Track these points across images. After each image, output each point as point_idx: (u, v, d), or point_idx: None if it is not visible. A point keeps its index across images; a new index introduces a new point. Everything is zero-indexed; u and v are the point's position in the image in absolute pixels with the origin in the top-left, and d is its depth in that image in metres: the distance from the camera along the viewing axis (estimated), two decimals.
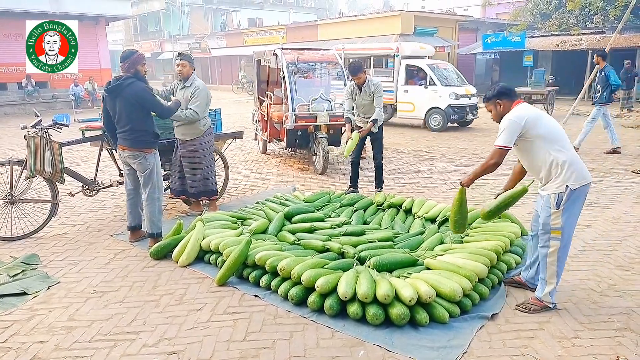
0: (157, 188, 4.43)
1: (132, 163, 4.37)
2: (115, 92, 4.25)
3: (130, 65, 4.29)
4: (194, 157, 5.20)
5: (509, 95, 3.28)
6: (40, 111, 5.75)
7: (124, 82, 4.22)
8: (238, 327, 3.10)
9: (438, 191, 6.42)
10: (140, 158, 4.32)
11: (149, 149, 4.34)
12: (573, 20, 23.42)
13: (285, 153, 9.16)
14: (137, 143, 4.29)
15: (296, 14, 41.99)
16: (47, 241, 4.74)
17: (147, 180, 4.38)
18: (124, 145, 4.33)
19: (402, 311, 2.98)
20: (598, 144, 9.65)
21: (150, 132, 4.38)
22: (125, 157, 4.39)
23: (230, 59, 32.64)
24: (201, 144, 5.19)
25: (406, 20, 21.68)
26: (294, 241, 4.18)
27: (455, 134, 11.56)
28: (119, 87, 4.22)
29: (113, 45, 40.75)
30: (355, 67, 5.69)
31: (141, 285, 3.73)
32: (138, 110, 4.25)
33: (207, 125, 5.24)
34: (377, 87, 5.76)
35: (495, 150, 3.15)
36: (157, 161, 4.46)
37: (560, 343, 2.86)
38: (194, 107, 4.96)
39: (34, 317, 3.28)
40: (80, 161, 8.67)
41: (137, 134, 4.27)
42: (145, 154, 4.33)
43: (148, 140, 4.35)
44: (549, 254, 3.12)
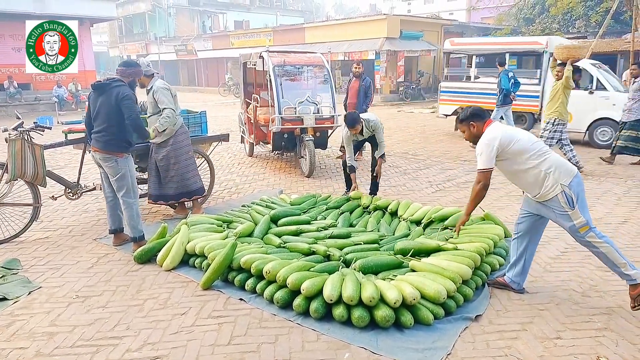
0: (131, 192, 4.39)
1: (103, 165, 4.34)
2: (101, 90, 4.24)
3: (132, 73, 4.37)
4: (169, 158, 5.12)
5: (481, 116, 3.42)
6: (22, 113, 5.67)
7: (112, 83, 4.23)
8: (223, 331, 3.08)
9: (424, 194, 6.46)
10: (111, 161, 4.28)
11: (120, 153, 4.29)
12: (556, 25, 23.84)
13: (272, 156, 9.15)
14: (109, 146, 4.25)
15: (283, 16, 42.03)
16: (28, 245, 4.66)
17: (119, 185, 4.34)
18: (95, 147, 4.29)
19: (387, 313, 2.99)
20: None
21: (124, 137, 4.31)
22: (97, 159, 4.37)
23: (216, 61, 32.55)
24: (174, 144, 5.11)
25: (392, 24, 21.84)
26: (280, 244, 4.17)
27: (440, 137, 11.66)
28: (106, 86, 4.23)
29: (97, 47, 40.39)
30: (353, 120, 5.45)
31: (125, 289, 3.69)
32: (116, 112, 4.20)
33: (177, 125, 5.14)
34: (375, 125, 5.59)
35: (480, 173, 3.36)
36: (130, 165, 4.41)
37: (542, 343, 2.89)
38: (163, 106, 4.90)
39: (14, 322, 3.22)
40: (63, 164, 8.55)
41: (109, 137, 4.23)
42: (117, 157, 4.28)
43: (120, 144, 4.29)
44: (605, 253, 3.14)
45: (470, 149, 9.79)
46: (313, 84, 8.28)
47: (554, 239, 4.65)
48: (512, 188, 6.62)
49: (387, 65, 22.19)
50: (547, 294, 3.53)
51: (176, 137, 5.13)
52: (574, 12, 23.03)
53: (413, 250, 3.82)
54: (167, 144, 5.10)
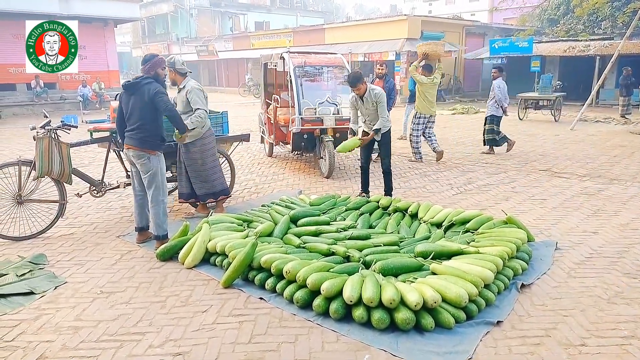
0: (161, 190, 4.45)
1: (137, 163, 4.41)
2: (132, 89, 4.35)
3: (151, 67, 4.43)
4: (196, 159, 5.22)
5: None
6: (48, 112, 5.80)
7: (142, 81, 4.34)
8: (243, 329, 3.10)
9: (444, 196, 6.41)
10: (144, 159, 4.36)
11: (153, 151, 4.38)
12: (581, 26, 23.38)
13: (291, 156, 9.18)
14: (143, 143, 4.33)
15: (303, 17, 42.12)
16: (54, 241, 4.78)
17: (150, 182, 4.41)
18: (129, 144, 4.38)
19: (408, 316, 2.98)
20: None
21: (158, 134, 4.43)
22: (130, 156, 4.45)
23: (237, 62, 32.79)
24: (202, 146, 5.21)
25: (413, 25, 21.69)
26: (300, 244, 4.19)
27: (461, 139, 11.54)
28: (136, 85, 4.33)
29: (121, 47, 41.10)
30: (354, 78, 5.55)
31: (147, 286, 3.75)
32: (150, 110, 4.32)
33: (206, 127, 5.23)
34: (379, 97, 5.62)
35: None
36: (162, 164, 4.49)
37: (566, 350, 2.84)
38: (196, 106, 4.98)
39: (41, 316, 3.30)
40: (88, 162, 8.73)
41: (144, 134, 4.32)
42: (150, 155, 4.36)
43: (154, 142, 4.39)
44: None
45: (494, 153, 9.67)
46: (333, 85, 8.29)
47: (578, 244, 4.56)
48: (534, 192, 6.53)
49: (407, 66, 22.04)
50: (571, 299, 3.46)
51: (204, 140, 5.21)
52: (600, 12, 22.48)
53: (434, 253, 3.80)
54: (195, 146, 5.18)
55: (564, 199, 6.15)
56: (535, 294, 3.56)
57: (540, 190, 6.63)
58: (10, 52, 18.09)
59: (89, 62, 20.59)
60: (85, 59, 20.50)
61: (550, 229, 5.01)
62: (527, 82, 20.40)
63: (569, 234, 4.87)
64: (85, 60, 20.49)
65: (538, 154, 9.37)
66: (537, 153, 9.44)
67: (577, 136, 11.70)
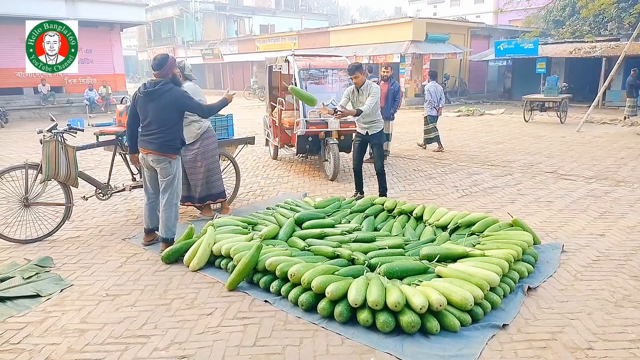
0: (175, 194, 4.46)
1: (156, 167, 4.39)
2: (152, 96, 4.25)
3: (168, 70, 4.32)
4: (195, 160, 5.23)
5: None
6: (55, 115, 5.84)
7: (164, 87, 4.24)
8: (248, 332, 3.10)
9: (449, 198, 6.39)
10: (164, 163, 4.35)
11: (174, 155, 4.38)
12: (587, 27, 23.27)
13: (296, 159, 9.19)
14: (164, 148, 4.31)
15: (308, 20, 42.24)
16: (60, 244, 4.80)
17: (167, 186, 4.41)
18: (148, 149, 4.33)
19: (413, 319, 2.97)
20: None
21: (179, 138, 4.42)
22: (149, 161, 4.40)
23: (242, 65, 32.91)
24: (201, 147, 5.22)
25: (418, 27, 21.68)
26: (304, 247, 4.19)
27: (466, 141, 11.51)
28: (157, 92, 4.24)
29: (127, 51, 41.36)
30: (354, 67, 5.70)
31: (152, 289, 3.76)
32: (174, 115, 4.30)
33: (202, 128, 5.24)
34: (371, 89, 5.73)
35: None
36: (180, 167, 4.50)
37: (573, 354, 2.82)
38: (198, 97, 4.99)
39: (47, 319, 3.32)
40: (94, 165, 8.78)
41: (165, 139, 4.29)
42: (170, 159, 4.36)
43: (175, 145, 4.38)
44: None
45: (498, 153, 9.64)
46: (338, 87, 8.28)
47: (585, 246, 4.53)
48: (541, 194, 6.50)
49: (412, 68, 22.03)
50: (578, 303, 3.44)
51: (203, 141, 5.23)
52: (606, 14, 22.39)
53: (439, 256, 3.78)
54: (195, 147, 5.20)
55: (570, 201, 6.11)
56: (542, 297, 3.53)
57: (547, 192, 6.60)
58: (18, 56, 18.12)
59: (96, 66, 20.73)
60: (92, 63, 20.67)
61: (557, 232, 4.98)
62: (533, 83, 20.35)
63: (576, 236, 4.83)
64: (91, 64, 20.67)
65: (544, 155, 9.33)
66: (543, 155, 9.40)
67: (584, 138, 11.63)
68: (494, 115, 17.58)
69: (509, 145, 10.68)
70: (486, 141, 11.41)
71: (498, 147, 10.47)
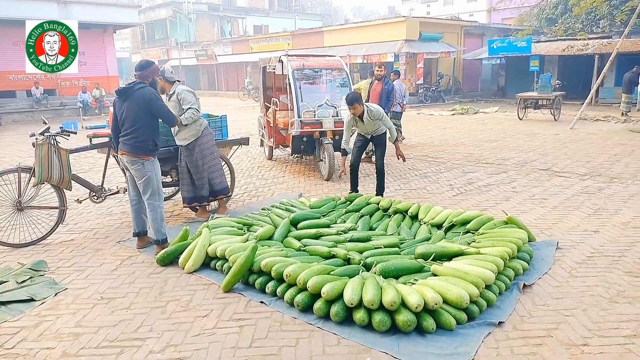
0: (157, 195, 4.45)
1: (130, 169, 4.41)
2: (125, 95, 4.33)
3: (149, 74, 4.43)
4: (197, 159, 5.27)
5: None
6: (48, 118, 5.81)
7: (135, 86, 4.32)
8: (244, 333, 3.09)
9: (444, 197, 6.40)
10: (137, 164, 4.35)
11: (146, 156, 4.36)
12: (579, 25, 23.38)
13: (291, 159, 9.18)
14: (136, 149, 4.32)
15: (302, 20, 42.22)
16: (54, 247, 4.77)
17: (145, 188, 4.40)
18: (123, 150, 4.37)
19: (409, 318, 2.97)
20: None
21: (151, 139, 4.39)
22: (124, 162, 4.45)
23: (236, 66, 32.87)
24: (201, 145, 5.26)
25: (411, 26, 21.72)
26: (300, 247, 4.18)
27: (461, 140, 11.54)
28: (129, 90, 4.31)
29: (120, 53, 41.17)
30: (352, 98, 5.64)
31: (148, 291, 3.74)
32: (144, 114, 4.31)
33: (203, 125, 5.30)
34: (379, 115, 5.74)
35: None
36: (156, 169, 4.48)
37: (568, 350, 2.83)
38: (188, 106, 5.06)
39: (41, 323, 3.30)
40: (88, 168, 8.73)
41: (137, 140, 4.30)
42: (143, 160, 4.35)
43: (147, 147, 4.36)
44: None
45: (492, 151, 9.67)
46: (332, 87, 8.29)
47: (579, 243, 4.55)
48: (535, 191, 6.52)
49: (406, 67, 22.06)
50: (573, 299, 3.45)
51: (202, 139, 5.27)
52: (598, 11, 22.50)
53: (434, 254, 3.79)
54: (194, 146, 5.23)
55: (564, 198, 6.14)
56: (537, 294, 3.54)
57: (541, 189, 6.62)
58: (11, 59, 18.12)
59: (89, 68, 20.63)
60: (85, 65, 20.53)
61: (551, 229, 5.00)
62: (526, 81, 20.43)
63: (570, 233, 4.85)
64: (84, 66, 20.51)
65: (538, 153, 9.37)
66: (537, 152, 9.43)
67: (577, 135, 11.69)
68: (488, 114, 17.63)
69: (503, 143, 10.71)
70: (480, 139, 11.44)
71: (492, 145, 10.51)
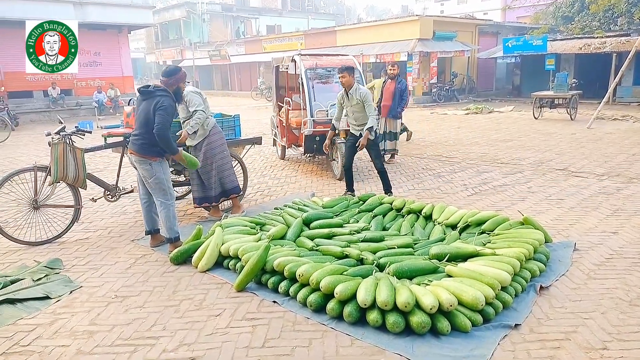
0: (167, 194, 4.46)
1: (138, 168, 4.45)
2: (146, 95, 4.35)
3: (175, 81, 4.45)
4: (206, 159, 5.27)
5: None
6: (64, 118, 5.88)
7: (157, 91, 4.32)
8: (257, 333, 3.08)
9: (458, 197, 6.32)
10: (145, 164, 4.37)
11: (153, 157, 4.37)
12: (596, 23, 22.98)
13: (304, 159, 9.16)
14: (143, 149, 4.34)
15: (314, 20, 42.22)
16: (69, 246, 4.82)
17: (154, 188, 4.42)
18: (132, 149, 4.41)
19: (423, 319, 2.93)
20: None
21: (157, 143, 4.32)
22: (133, 161, 4.50)
23: (249, 66, 32.97)
24: (209, 144, 5.26)
25: (425, 25, 21.56)
26: (313, 247, 4.16)
27: (475, 139, 11.41)
28: (150, 93, 4.33)
29: (135, 54, 41.62)
30: (344, 67, 5.78)
31: (161, 290, 3.76)
32: (153, 118, 4.28)
33: (210, 125, 5.30)
34: (364, 95, 5.75)
35: None
36: (164, 169, 4.48)
37: (587, 354, 2.76)
38: (193, 108, 5.08)
39: (56, 321, 3.33)
40: (102, 167, 8.82)
41: (145, 140, 4.31)
42: (151, 161, 4.37)
43: (153, 149, 4.34)
44: None
45: (507, 151, 9.55)
46: None
47: (598, 244, 4.46)
48: (551, 192, 6.41)
49: (419, 66, 21.92)
50: (591, 302, 3.38)
51: (210, 138, 5.28)
52: (615, 9, 22.07)
53: (449, 255, 3.74)
54: (202, 146, 5.25)
55: (581, 199, 6.02)
56: (554, 296, 3.48)
57: (557, 190, 6.51)
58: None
59: (104, 69, 20.88)
60: (100, 65, 20.83)
61: (568, 230, 4.91)
62: (542, 80, 20.13)
63: (588, 234, 4.76)
64: (100, 66, 20.82)
65: (554, 153, 9.22)
66: (553, 152, 9.29)
67: (594, 135, 11.49)
68: (502, 113, 17.42)
69: (519, 143, 10.57)
70: (495, 139, 11.31)
71: (507, 145, 10.37)
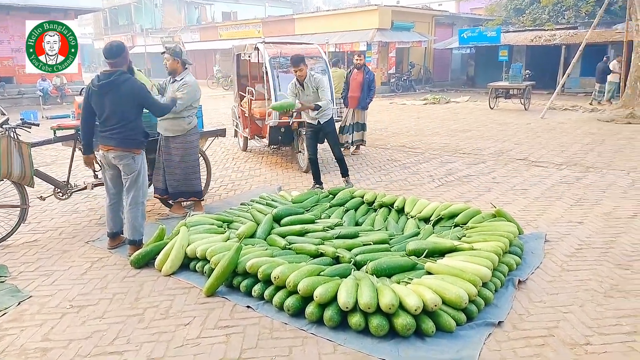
0: (142, 191, 4.14)
1: (119, 164, 4.07)
2: (108, 88, 3.92)
3: (124, 59, 4.03)
4: (175, 155, 5.00)
5: None
6: (5, 108, 5.36)
7: (119, 78, 3.91)
8: (231, 343, 2.87)
9: (426, 188, 6.29)
10: (127, 159, 4.03)
11: (137, 150, 4.07)
12: (546, 16, 23.78)
13: (267, 150, 8.90)
14: (126, 143, 4.00)
15: (272, 7, 41.45)
16: (16, 250, 4.39)
17: (132, 183, 4.09)
18: (110, 145, 4.01)
19: (408, 321, 2.81)
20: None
21: (141, 131, 4.13)
22: (110, 158, 4.07)
23: (204, 53, 32.01)
24: (185, 143, 4.99)
25: (384, 15, 21.60)
26: (285, 245, 3.96)
27: (435, 129, 11.51)
28: (113, 83, 3.91)
29: (82, 39, 39.43)
30: (297, 59, 5.67)
31: (122, 297, 3.45)
32: (133, 108, 4.00)
33: (192, 124, 5.02)
34: (319, 82, 5.77)
35: None
36: (144, 163, 4.19)
37: (572, 350, 2.73)
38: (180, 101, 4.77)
39: (3, 337, 2.97)
40: (50, 161, 8.20)
41: (127, 133, 3.98)
42: (134, 154, 4.05)
43: (138, 139, 4.07)
44: None
45: (467, 141, 9.66)
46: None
47: (566, 235, 4.52)
48: (515, 182, 6.50)
49: (378, 56, 21.97)
50: (568, 295, 3.38)
51: (188, 137, 5.01)
52: (564, 2, 22.96)
53: (427, 251, 3.65)
54: (177, 141, 4.97)
55: (544, 189, 6.13)
56: (532, 290, 3.46)
57: (521, 180, 6.61)
58: None
59: None
60: None
61: (536, 220, 4.96)
62: (495, 71, 20.62)
63: (555, 224, 4.82)
64: None
65: (513, 143, 9.42)
66: (512, 142, 9.48)
67: (548, 124, 11.85)
68: (459, 103, 17.75)
69: (477, 133, 10.74)
70: (455, 129, 11.45)
71: (467, 135, 10.51)
